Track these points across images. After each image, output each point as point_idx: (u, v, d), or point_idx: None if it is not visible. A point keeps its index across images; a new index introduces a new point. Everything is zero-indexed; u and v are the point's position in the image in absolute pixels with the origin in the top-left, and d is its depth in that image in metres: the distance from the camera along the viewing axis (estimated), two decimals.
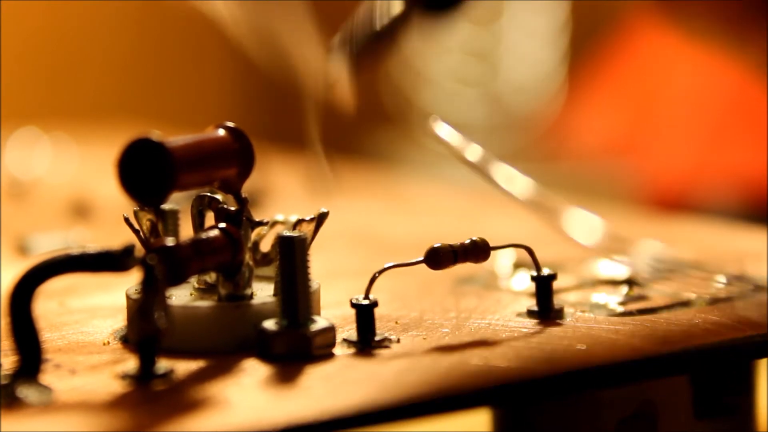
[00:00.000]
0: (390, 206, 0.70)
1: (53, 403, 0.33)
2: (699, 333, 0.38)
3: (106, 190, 0.65)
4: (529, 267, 0.44)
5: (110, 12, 1.82)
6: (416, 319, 0.40)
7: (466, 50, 1.74)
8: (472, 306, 0.42)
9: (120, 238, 0.36)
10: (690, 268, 0.46)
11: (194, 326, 0.37)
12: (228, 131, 0.38)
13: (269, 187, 0.68)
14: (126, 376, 0.34)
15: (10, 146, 0.87)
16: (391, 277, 0.39)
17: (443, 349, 0.37)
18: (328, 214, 0.39)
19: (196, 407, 0.32)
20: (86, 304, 0.44)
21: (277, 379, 0.35)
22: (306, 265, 0.37)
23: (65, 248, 0.35)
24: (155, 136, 0.35)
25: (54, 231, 0.58)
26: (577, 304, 0.42)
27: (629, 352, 0.36)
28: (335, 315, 0.40)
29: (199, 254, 0.36)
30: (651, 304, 0.42)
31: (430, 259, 0.39)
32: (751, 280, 0.45)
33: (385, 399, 0.33)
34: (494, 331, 0.39)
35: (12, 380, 0.34)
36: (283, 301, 0.36)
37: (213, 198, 0.38)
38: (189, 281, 0.38)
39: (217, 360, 0.36)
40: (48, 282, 0.34)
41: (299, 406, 0.32)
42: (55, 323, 0.41)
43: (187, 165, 0.36)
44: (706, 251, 0.51)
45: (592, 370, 0.35)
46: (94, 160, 0.88)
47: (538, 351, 0.37)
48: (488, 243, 0.39)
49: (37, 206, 0.71)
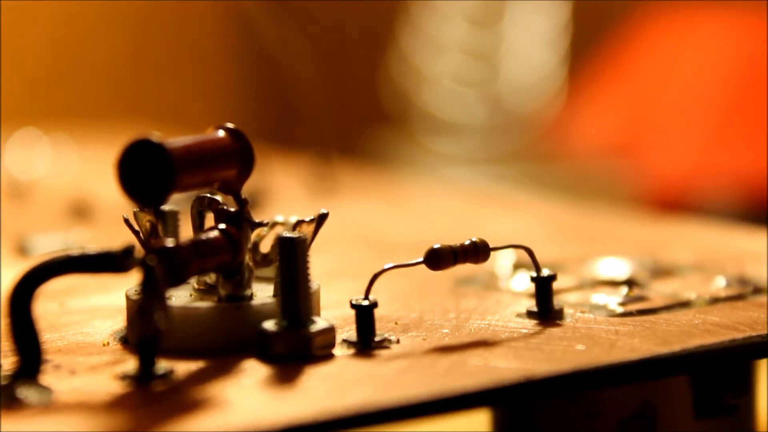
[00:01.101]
0: (390, 206, 0.70)
1: (53, 403, 0.33)
2: (699, 333, 0.38)
3: (106, 191, 0.65)
4: (528, 268, 0.44)
5: (110, 12, 1.82)
6: (416, 320, 0.40)
7: (466, 50, 1.74)
8: (472, 307, 0.42)
9: (120, 239, 0.36)
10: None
11: (194, 327, 0.37)
12: (228, 132, 0.38)
13: (269, 188, 0.68)
14: (126, 376, 0.35)
15: (10, 147, 0.87)
16: (390, 277, 0.39)
17: (443, 350, 0.37)
18: (328, 215, 0.39)
19: (196, 408, 0.33)
20: (86, 305, 0.44)
21: (277, 379, 0.35)
22: (306, 266, 0.37)
23: (65, 249, 0.35)
24: (155, 137, 0.35)
25: (54, 232, 0.58)
26: (577, 304, 0.42)
27: (629, 353, 0.36)
28: (335, 316, 0.40)
29: (199, 255, 0.36)
30: (651, 305, 0.42)
31: (430, 259, 0.39)
32: (751, 280, 0.45)
33: (385, 399, 0.33)
34: (494, 331, 0.39)
35: (12, 381, 0.34)
36: (283, 301, 0.36)
37: (213, 199, 0.38)
38: (189, 282, 0.38)
39: (217, 361, 0.36)
40: (48, 283, 0.34)
41: (299, 406, 0.32)
42: (55, 324, 0.41)
43: (187, 166, 0.36)
44: (706, 251, 0.51)
45: (592, 371, 0.35)
46: (94, 161, 0.88)
47: (538, 351, 0.37)
48: (488, 244, 0.39)
49: (37, 207, 0.71)
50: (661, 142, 1.52)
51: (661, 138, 1.53)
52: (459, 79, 1.75)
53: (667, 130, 1.53)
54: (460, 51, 1.74)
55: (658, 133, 1.54)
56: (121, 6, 1.83)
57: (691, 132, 1.51)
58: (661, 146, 1.52)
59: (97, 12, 1.82)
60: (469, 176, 1.52)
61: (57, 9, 1.79)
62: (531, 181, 1.51)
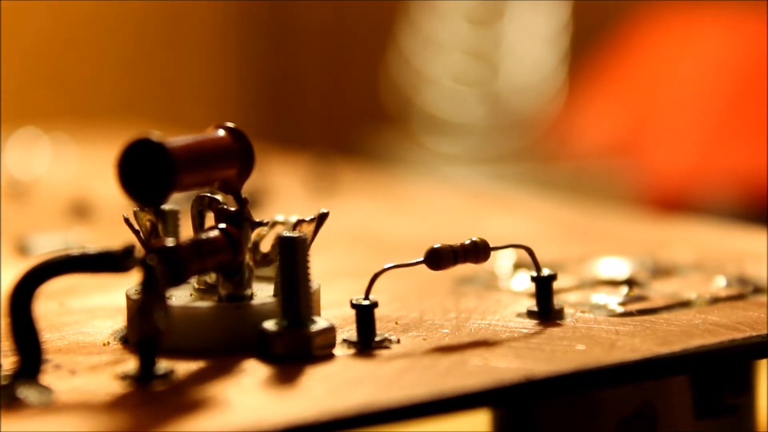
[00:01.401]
0: (390, 206, 0.70)
1: (53, 403, 0.33)
2: (699, 333, 0.38)
3: (106, 190, 0.65)
4: (529, 267, 0.44)
5: (111, 12, 1.82)
6: (416, 320, 0.40)
7: (466, 50, 1.74)
8: (472, 306, 0.42)
9: (120, 239, 0.36)
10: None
11: (194, 327, 0.37)
12: (228, 131, 0.38)
13: (269, 188, 0.68)
14: (126, 376, 0.34)
15: (10, 146, 0.87)
16: (391, 277, 0.39)
17: (443, 350, 0.37)
18: (328, 214, 0.39)
19: (196, 408, 0.32)
20: (86, 305, 0.44)
21: (277, 379, 0.35)
22: (306, 266, 0.37)
23: (65, 248, 0.35)
24: (155, 137, 0.35)
25: (54, 231, 0.58)
26: (577, 304, 0.42)
27: (629, 353, 0.36)
28: (335, 315, 0.40)
29: (199, 255, 0.36)
30: (651, 305, 0.42)
31: (430, 259, 0.39)
32: (751, 280, 0.45)
33: (385, 399, 0.33)
34: (494, 331, 0.39)
35: (12, 381, 0.34)
36: (283, 301, 0.36)
37: (213, 198, 0.38)
38: (189, 282, 0.38)
39: (217, 360, 0.36)
40: (48, 282, 0.34)
41: (299, 406, 0.32)
42: (55, 324, 0.41)
43: (187, 165, 0.36)
44: (706, 251, 0.51)
45: (593, 370, 0.35)
46: (94, 160, 0.88)
47: (538, 351, 0.37)
48: (488, 243, 0.39)
49: (37, 206, 0.71)
50: (661, 142, 1.52)
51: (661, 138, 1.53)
52: (459, 79, 1.75)
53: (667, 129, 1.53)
54: (460, 51, 1.74)
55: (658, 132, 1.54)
56: (121, 6, 1.83)
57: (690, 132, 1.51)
58: (660, 146, 1.52)
59: (97, 12, 1.82)
60: (469, 176, 1.52)
61: (57, 8, 1.79)
62: (531, 181, 1.51)
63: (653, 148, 1.52)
